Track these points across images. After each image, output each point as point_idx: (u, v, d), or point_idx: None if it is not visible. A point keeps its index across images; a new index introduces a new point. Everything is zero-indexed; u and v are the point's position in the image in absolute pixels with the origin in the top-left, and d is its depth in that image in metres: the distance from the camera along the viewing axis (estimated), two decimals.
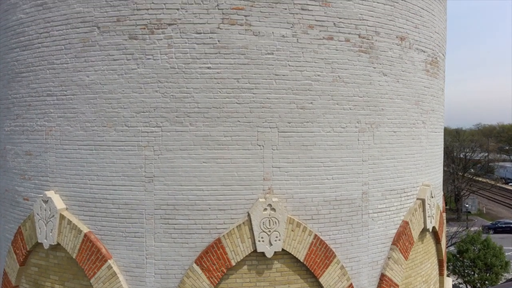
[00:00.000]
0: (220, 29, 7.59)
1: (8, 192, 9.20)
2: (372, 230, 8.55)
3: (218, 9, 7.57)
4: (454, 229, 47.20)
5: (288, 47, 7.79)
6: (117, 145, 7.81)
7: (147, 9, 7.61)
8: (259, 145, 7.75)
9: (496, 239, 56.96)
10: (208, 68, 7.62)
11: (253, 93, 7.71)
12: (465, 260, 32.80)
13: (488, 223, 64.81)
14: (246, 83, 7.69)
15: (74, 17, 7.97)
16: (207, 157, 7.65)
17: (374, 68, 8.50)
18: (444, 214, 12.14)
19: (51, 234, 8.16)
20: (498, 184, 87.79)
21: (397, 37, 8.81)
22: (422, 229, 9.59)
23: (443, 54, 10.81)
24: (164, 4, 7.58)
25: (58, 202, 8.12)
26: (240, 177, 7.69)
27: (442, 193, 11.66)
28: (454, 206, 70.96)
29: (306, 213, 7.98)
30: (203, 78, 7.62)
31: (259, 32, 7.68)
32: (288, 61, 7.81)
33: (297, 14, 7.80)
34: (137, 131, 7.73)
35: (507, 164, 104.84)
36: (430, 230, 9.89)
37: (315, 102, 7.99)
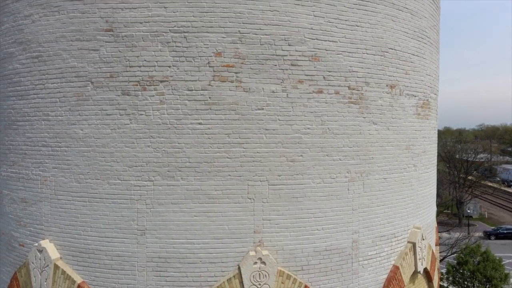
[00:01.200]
0: (211, 86, 7.73)
1: (5, 235, 9.37)
2: (362, 278, 8.67)
3: (209, 66, 7.70)
4: (456, 235, 46.99)
5: (278, 102, 7.92)
6: (110, 198, 7.95)
7: (140, 66, 7.75)
8: (250, 198, 7.88)
9: (497, 245, 57.04)
10: (199, 123, 7.75)
11: (244, 148, 7.84)
12: (464, 272, 32.83)
13: (490, 228, 64.68)
14: (237, 138, 7.82)
15: (68, 71, 8.11)
16: (198, 211, 7.79)
17: (364, 118, 8.62)
18: (437, 247, 12.26)
19: (45, 283, 8.31)
20: (501, 188, 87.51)
21: (387, 85, 8.92)
22: (413, 272, 9.70)
23: (435, 94, 10.91)
24: (156, 62, 7.71)
25: (53, 252, 8.27)
26: (230, 230, 7.83)
27: (435, 225, 11.77)
28: (455, 210, 70.82)
29: (296, 264, 8.10)
30: (194, 133, 7.76)
31: (249, 88, 7.81)
32: (278, 115, 7.94)
33: (287, 70, 7.93)
34: (129, 185, 7.87)
35: (510, 167, 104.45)
36: (422, 271, 10.00)
37: (305, 154, 8.11)
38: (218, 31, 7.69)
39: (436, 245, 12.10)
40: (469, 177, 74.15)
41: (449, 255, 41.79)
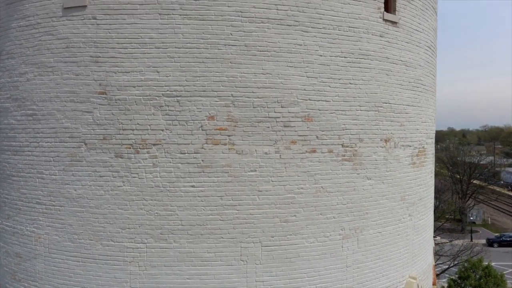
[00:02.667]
0: (204, 149, 7.73)
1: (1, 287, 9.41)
2: None
3: (202, 130, 7.71)
4: (459, 242, 46.64)
5: (271, 163, 7.92)
6: (103, 259, 7.97)
7: (133, 130, 7.77)
8: (243, 261, 7.88)
9: (500, 253, 56.76)
10: (192, 186, 7.76)
11: (237, 210, 7.85)
12: (466, 287, 32.71)
13: (493, 236, 64.29)
14: (230, 200, 7.83)
15: (62, 131, 8.14)
16: (190, 274, 7.80)
17: (358, 174, 8.61)
18: (435, 287, 12.24)
19: None
20: (505, 192, 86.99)
21: (381, 139, 8.91)
22: None
23: (431, 138, 10.89)
24: (149, 125, 7.73)
25: None
26: None
27: (432, 265, 11.75)
28: (458, 215, 70.42)
29: None
30: (187, 196, 7.76)
31: (242, 151, 7.81)
32: (271, 176, 7.94)
33: (279, 131, 7.93)
34: (122, 247, 7.89)
35: None
36: None
37: (298, 214, 8.11)
38: (211, 95, 7.70)
39: (433, 284, 12.09)
40: (473, 181, 73.33)
41: (452, 266, 41.66)
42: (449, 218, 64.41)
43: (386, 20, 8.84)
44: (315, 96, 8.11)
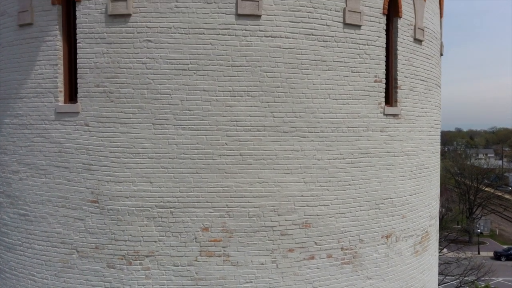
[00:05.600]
0: (198, 261, 7.53)
1: None
2: None
3: (196, 241, 7.51)
4: (466, 254, 45.92)
5: (267, 273, 7.70)
6: None
7: (125, 241, 7.58)
8: None
9: (508, 267, 56.03)
10: None
11: None
12: None
13: (500, 249, 63.52)
14: None
15: (54, 236, 7.98)
16: None
17: (358, 275, 8.37)
18: None
19: None
20: None
21: (382, 236, 8.66)
22: None
23: (435, 218, 10.62)
24: (142, 236, 7.54)
25: None
26: None
27: None
28: (465, 223, 69.61)
29: None
30: None
31: (237, 262, 7.60)
32: (267, 287, 7.72)
33: (276, 240, 7.70)
34: None
35: None
36: None
37: None
38: (205, 206, 7.49)
39: None
40: (481, 187, 72.10)
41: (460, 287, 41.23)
42: (456, 227, 63.83)
43: (387, 115, 8.60)
44: (313, 202, 7.88)
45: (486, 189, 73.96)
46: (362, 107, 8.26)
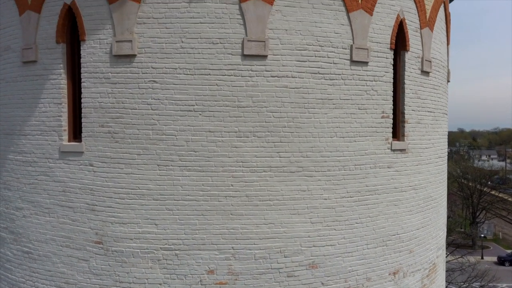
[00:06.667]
0: None
1: None
2: None
3: (201, 284, 7.41)
4: (469, 259, 45.62)
5: None
6: None
7: (130, 283, 7.49)
8: None
9: (510, 272, 55.75)
10: None
11: None
12: None
13: (504, 254, 63.17)
14: None
15: (58, 276, 7.90)
16: None
17: None
18: None
19: None
20: None
21: (389, 273, 8.55)
22: None
23: (442, 248, 10.50)
24: (147, 279, 7.44)
25: None
26: None
27: None
28: (468, 230, 69.31)
29: None
30: None
31: None
32: None
33: (282, 282, 7.59)
34: None
35: None
36: None
37: None
38: (211, 248, 7.40)
39: None
40: (486, 190, 71.54)
41: None
42: (459, 231, 63.50)
43: (394, 150, 8.49)
44: (320, 242, 7.78)
45: (491, 192, 73.30)
46: (369, 144, 8.16)
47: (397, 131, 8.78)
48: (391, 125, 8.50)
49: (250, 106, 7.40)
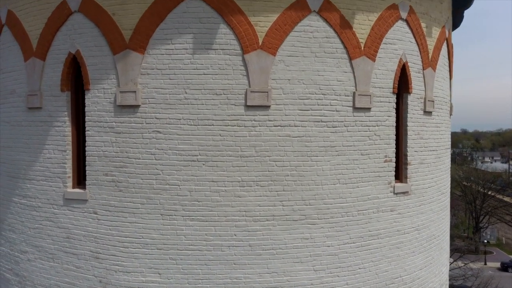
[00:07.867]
0: None
1: None
2: None
3: None
4: (473, 265, 45.42)
5: None
6: None
7: None
8: None
9: None
10: None
11: None
12: None
13: (508, 259, 62.87)
14: None
15: None
16: None
17: None
18: None
19: None
20: None
21: None
22: None
23: (445, 280, 10.50)
24: None
25: None
26: None
27: None
28: (471, 233, 69.06)
29: None
30: None
31: None
32: None
33: None
34: None
35: None
36: None
37: None
38: None
39: None
40: (490, 193, 71.08)
41: None
42: (462, 235, 63.24)
43: (397, 193, 8.50)
44: None
45: (497, 196, 72.76)
46: (372, 189, 8.18)
47: (400, 173, 8.79)
48: (394, 169, 8.51)
49: (253, 156, 7.44)
